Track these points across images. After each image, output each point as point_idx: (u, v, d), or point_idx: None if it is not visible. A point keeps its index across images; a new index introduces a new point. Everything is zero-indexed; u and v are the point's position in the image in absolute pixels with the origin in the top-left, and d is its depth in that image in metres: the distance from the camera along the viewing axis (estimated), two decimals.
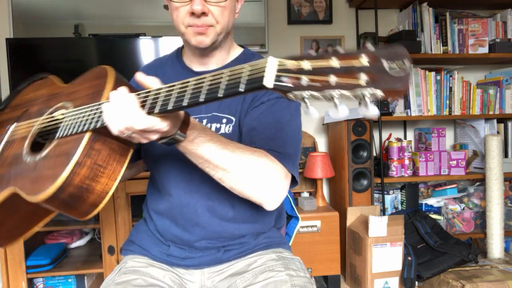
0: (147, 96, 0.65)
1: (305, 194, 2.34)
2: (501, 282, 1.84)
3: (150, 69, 1.04)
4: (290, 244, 1.13)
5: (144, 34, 2.21)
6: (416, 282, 2.01)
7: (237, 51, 1.02)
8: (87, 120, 0.71)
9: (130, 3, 2.38)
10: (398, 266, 2.01)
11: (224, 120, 0.93)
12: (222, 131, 0.93)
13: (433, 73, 2.45)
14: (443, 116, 2.47)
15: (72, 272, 1.90)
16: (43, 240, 2.10)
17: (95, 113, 0.70)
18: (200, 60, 0.98)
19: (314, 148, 2.47)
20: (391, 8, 2.65)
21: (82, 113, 0.73)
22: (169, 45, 2.16)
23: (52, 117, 0.83)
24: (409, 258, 2.01)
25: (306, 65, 0.50)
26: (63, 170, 0.67)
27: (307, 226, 2.09)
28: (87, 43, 2.24)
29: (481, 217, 2.51)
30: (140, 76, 0.67)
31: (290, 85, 0.50)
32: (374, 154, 2.41)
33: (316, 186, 2.33)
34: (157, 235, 1.00)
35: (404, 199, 2.47)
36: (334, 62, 0.48)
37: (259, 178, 0.82)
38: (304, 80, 0.49)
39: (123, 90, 0.66)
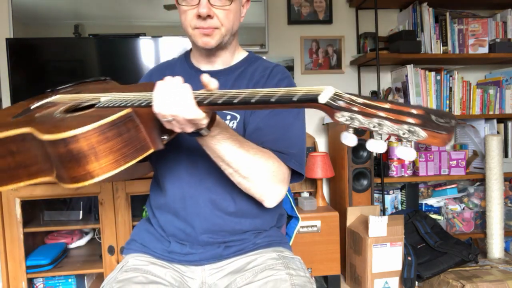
0: (201, 93, 0.69)
1: (305, 194, 2.34)
2: (501, 282, 1.84)
3: (159, 70, 1.10)
4: (290, 244, 1.13)
5: (144, 34, 2.21)
6: (416, 282, 2.02)
7: (242, 53, 1.08)
8: (132, 100, 0.74)
9: (130, 3, 2.38)
10: (398, 266, 2.01)
11: (228, 117, 0.97)
12: None
13: (433, 73, 2.45)
14: None
15: (72, 272, 1.90)
16: (43, 240, 2.09)
17: (141, 97, 0.74)
18: (206, 59, 1.04)
19: (314, 148, 2.47)
20: (391, 8, 2.65)
21: (129, 96, 0.78)
22: (169, 45, 2.16)
23: (98, 97, 0.87)
24: (409, 258, 2.01)
25: (359, 99, 0.54)
26: (86, 124, 0.68)
27: (307, 226, 2.09)
28: (87, 43, 2.24)
29: (481, 217, 2.51)
30: (206, 78, 0.70)
31: (341, 105, 0.54)
32: (374, 154, 2.41)
33: (316, 186, 2.33)
34: (160, 230, 1.01)
35: (404, 199, 2.47)
36: (386, 105, 0.53)
37: (266, 178, 0.88)
38: (355, 107, 0.53)
39: (179, 79, 0.70)
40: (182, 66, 1.08)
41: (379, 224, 1.99)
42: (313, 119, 2.58)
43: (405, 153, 0.54)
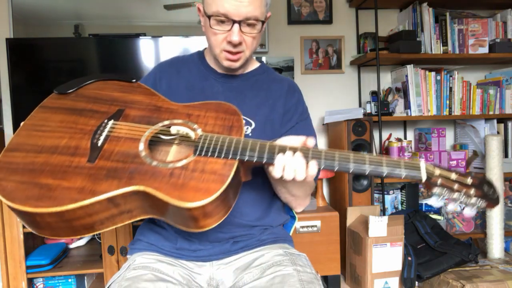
0: (309, 151, 0.82)
1: None
2: (501, 282, 1.84)
3: (171, 65, 1.11)
4: None
5: (144, 34, 2.21)
6: (416, 282, 2.01)
7: (255, 64, 1.14)
8: (236, 148, 0.82)
9: (130, 3, 2.38)
10: (398, 266, 2.01)
11: (243, 122, 1.00)
12: None
13: (433, 73, 2.45)
14: (443, 116, 2.47)
15: (72, 272, 1.90)
16: (43, 240, 2.10)
17: (240, 145, 0.83)
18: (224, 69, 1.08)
19: None
20: (391, 8, 2.65)
21: (225, 141, 0.83)
22: (169, 45, 2.16)
23: (177, 132, 0.90)
24: (409, 258, 2.01)
25: (437, 171, 0.79)
26: (218, 187, 0.76)
27: (307, 226, 2.08)
28: (87, 43, 2.24)
29: (481, 217, 2.51)
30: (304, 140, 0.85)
31: (438, 183, 0.78)
32: (374, 154, 2.40)
33: (316, 186, 2.33)
34: (165, 228, 1.01)
35: (404, 199, 2.47)
36: (453, 175, 0.79)
37: (306, 196, 1.05)
38: (446, 184, 0.78)
39: (298, 155, 0.81)
40: (197, 66, 1.10)
41: (379, 224, 1.99)
42: (313, 119, 2.57)
43: (469, 213, 0.76)
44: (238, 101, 1.02)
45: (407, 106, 2.44)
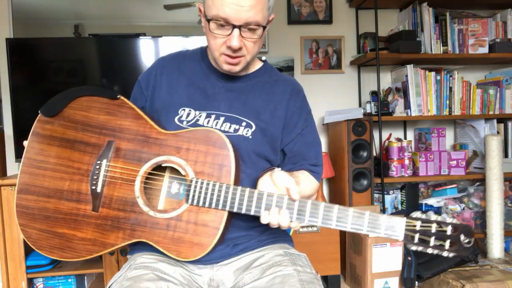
0: (293, 210, 0.87)
1: None
2: (501, 282, 1.84)
3: (172, 60, 1.10)
4: None
5: (144, 34, 2.21)
6: (416, 282, 2.02)
7: (258, 64, 1.11)
8: (225, 200, 0.89)
9: (130, 3, 2.38)
10: (398, 266, 2.02)
11: (244, 123, 1.01)
12: (240, 132, 1.00)
13: (433, 73, 2.45)
14: (443, 116, 2.47)
15: (72, 272, 1.90)
16: None
17: (238, 201, 0.88)
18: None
19: None
20: (391, 8, 2.65)
21: (214, 192, 0.89)
22: (169, 45, 2.16)
23: (174, 177, 0.97)
24: (409, 258, 2.01)
25: (418, 223, 0.82)
26: (210, 241, 0.89)
27: (307, 226, 2.08)
28: (87, 43, 2.24)
29: (481, 217, 2.51)
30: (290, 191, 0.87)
31: (414, 242, 0.83)
32: (374, 154, 2.41)
33: None
34: None
35: (404, 199, 2.47)
36: (434, 227, 0.82)
37: (312, 194, 1.09)
38: (416, 238, 0.83)
39: (284, 213, 0.86)
40: (199, 64, 1.08)
41: None
42: (313, 118, 2.58)
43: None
44: (239, 102, 1.02)
45: (407, 106, 2.44)
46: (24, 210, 0.96)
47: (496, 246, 2.27)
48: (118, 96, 0.99)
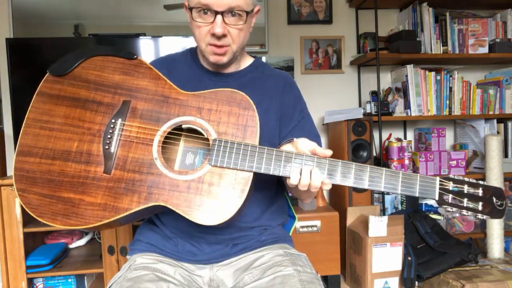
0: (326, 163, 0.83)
1: None
2: (501, 282, 1.84)
3: (162, 64, 1.08)
4: None
5: (144, 34, 2.21)
6: (416, 282, 2.01)
7: (248, 60, 1.11)
8: (251, 160, 0.83)
9: (130, 3, 2.38)
10: (398, 266, 2.01)
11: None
12: None
13: (433, 73, 2.45)
14: (443, 116, 2.47)
15: (72, 272, 1.90)
16: (43, 240, 2.09)
17: (265, 161, 0.82)
18: (215, 67, 1.06)
19: None
20: (391, 8, 2.65)
21: (240, 151, 0.84)
22: (169, 45, 2.16)
23: (194, 135, 0.89)
24: (409, 258, 2.01)
25: (451, 184, 0.81)
26: (235, 205, 0.81)
27: (307, 226, 2.08)
28: (87, 43, 2.24)
29: None
30: (320, 151, 0.84)
31: (448, 201, 0.83)
32: (374, 154, 2.41)
33: None
34: (165, 230, 1.01)
35: (404, 199, 2.47)
36: (479, 190, 0.81)
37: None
38: (450, 198, 0.82)
39: (316, 172, 0.82)
40: (189, 65, 1.07)
41: (379, 224, 1.99)
42: (313, 119, 2.58)
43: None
44: None
45: (407, 106, 2.44)
46: (24, 174, 0.85)
47: (496, 246, 2.27)
48: (136, 56, 0.94)
